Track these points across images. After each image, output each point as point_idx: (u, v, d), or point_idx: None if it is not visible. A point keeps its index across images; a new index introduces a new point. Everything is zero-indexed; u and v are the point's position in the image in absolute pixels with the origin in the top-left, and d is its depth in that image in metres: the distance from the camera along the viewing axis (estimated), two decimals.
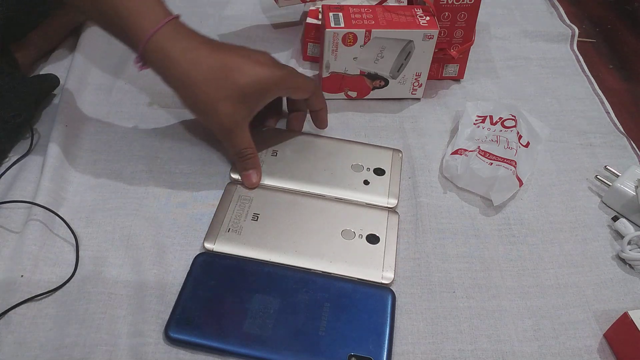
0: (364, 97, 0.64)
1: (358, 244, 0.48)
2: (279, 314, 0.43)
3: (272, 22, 0.74)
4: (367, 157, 0.56)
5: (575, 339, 0.45)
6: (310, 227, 0.49)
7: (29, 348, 0.41)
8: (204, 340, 0.42)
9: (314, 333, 0.42)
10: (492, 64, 0.71)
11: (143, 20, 0.45)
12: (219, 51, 0.47)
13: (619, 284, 0.49)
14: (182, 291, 0.44)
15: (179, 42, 0.46)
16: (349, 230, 0.49)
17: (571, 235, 0.53)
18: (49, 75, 0.60)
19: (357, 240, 0.49)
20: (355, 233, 0.49)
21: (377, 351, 0.42)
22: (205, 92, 0.46)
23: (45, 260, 0.46)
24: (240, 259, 0.47)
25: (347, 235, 0.49)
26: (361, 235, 0.49)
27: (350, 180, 0.54)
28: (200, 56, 0.46)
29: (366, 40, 0.58)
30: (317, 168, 0.55)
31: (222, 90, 0.46)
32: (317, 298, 0.44)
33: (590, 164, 0.59)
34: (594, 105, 0.67)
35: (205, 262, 0.46)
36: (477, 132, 0.57)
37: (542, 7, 0.82)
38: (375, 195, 0.53)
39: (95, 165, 0.54)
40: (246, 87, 0.47)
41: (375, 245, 0.48)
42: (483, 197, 0.54)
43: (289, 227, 0.49)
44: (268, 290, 0.45)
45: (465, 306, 0.47)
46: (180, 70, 0.46)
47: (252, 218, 0.50)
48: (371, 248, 0.48)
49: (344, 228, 0.49)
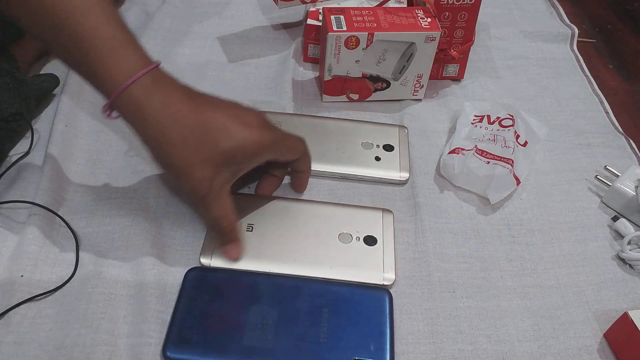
0: (366, 99, 0.64)
1: (356, 247, 0.48)
2: (278, 324, 0.42)
3: (272, 23, 0.74)
4: (375, 134, 0.59)
5: (575, 339, 0.45)
6: (306, 233, 0.49)
7: (29, 348, 0.41)
8: (204, 357, 0.41)
9: (315, 340, 0.42)
10: (492, 64, 0.71)
11: (117, 69, 0.39)
12: (203, 108, 0.42)
13: (619, 284, 0.49)
14: (176, 308, 0.43)
15: (157, 95, 0.40)
16: (345, 234, 0.49)
17: (571, 235, 0.53)
18: (49, 75, 0.60)
19: (354, 244, 0.48)
20: (352, 236, 0.49)
21: (380, 353, 0.42)
22: (181, 154, 0.41)
23: (45, 260, 0.46)
24: (232, 271, 0.46)
25: (345, 239, 0.49)
26: (358, 238, 0.49)
27: (362, 158, 0.56)
28: (179, 112, 0.40)
29: (369, 43, 0.58)
30: (329, 148, 0.57)
31: (200, 153, 0.41)
32: (314, 305, 0.44)
33: (589, 164, 0.59)
34: (593, 105, 0.67)
35: (197, 277, 0.45)
36: (475, 132, 0.57)
37: (542, 7, 0.83)
38: (387, 170, 0.55)
39: (95, 165, 0.54)
40: (229, 150, 0.42)
41: (373, 247, 0.48)
42: (481, 196, 0.54)
43: (285, 236, 0.48)
44: (264, 301, 0.44)
45: (465, 306, 0.47)
46: (155, 128, 0.40)
47: (247, 229, 0.49)
48: (370, 250, 0.48)
49: (340, 232, 0.49)
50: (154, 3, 0.75)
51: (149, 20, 0.72)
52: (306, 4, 0.68)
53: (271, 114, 0.60)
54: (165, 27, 0.72)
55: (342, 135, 0.58)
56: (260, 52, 0.70)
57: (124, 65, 0.39)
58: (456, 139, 0.57)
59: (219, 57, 0.68)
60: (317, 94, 0.64)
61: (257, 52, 0.70)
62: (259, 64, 0.68)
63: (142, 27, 0.71)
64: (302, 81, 0.66)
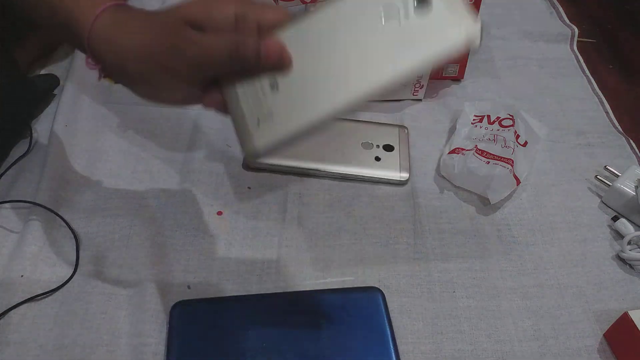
0: None
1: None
2: (279, 344, 0.41)
3: None
4: (374, 134, 0.59)
5: (575, 339, 0.45)
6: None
7: (29, 348, 0.41)
8: None
9: (321, 354, 0.41)
10: (492, 64, 0.71)
11: (79, 13, 0.38)
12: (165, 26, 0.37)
13: (619, 284, 0.49)
14: (168, 348, 0.41)
15: (120, 26, 0.37)
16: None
17: (571, 235, 0.53)
18: (49, 75, 0.60)
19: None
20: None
21: (386, 353, 0.41)
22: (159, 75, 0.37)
23: (45, 260, 0.46)
24: (216, 299, 0.44)
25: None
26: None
27: (362, 158, 0.57)
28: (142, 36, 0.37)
29: None
30: (329, 148, 0.57)
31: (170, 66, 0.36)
32: (310, 318, 0.43)
33: (589, 164, 0.59)
34: (593, 105, 0.67)
35: (182, 311, 0.43)
36: (475, 132, 0.57)
37: (542, 7, 0.82)
38: (387, 170, 0.56)
39: (95, 165, 0.54)
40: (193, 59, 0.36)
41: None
42: (481, 196, 0.54)
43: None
44: (259, 324, 0.42)
45: (465, 306, 0.47)
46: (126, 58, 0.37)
47: None
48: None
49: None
50: (154, 3, 0.75)
51: None
52: (306, 4, 0.68)
53: None
54: None
55: (342, 135, 0.58)
56: None
57: (84, 6, 0.38)
58: (456, 139, 0.57)
59: None
60: None
61: None
62: None
63: None
64: None
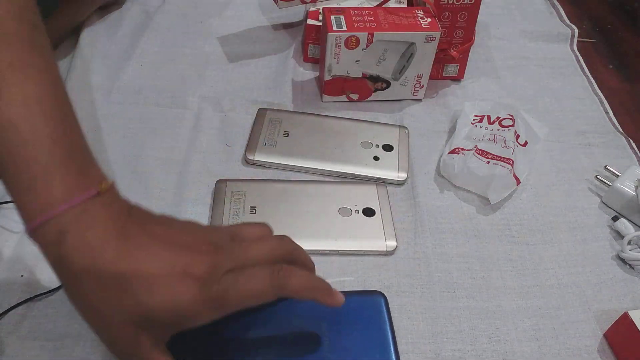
0: (366, 99, 0.64)
1: (356, 219, 0.51)
2: (281, 350, 0.40)
3: (272, 23, 0.74)
4: (375, 134, 0.59)
5: (575, 339, 0.45)
6: (308, 211, 0.51)
7: (29, 348, 0.41)
8: None
9: (320, 355, 0.41)
10: (492, 64, 0.71)
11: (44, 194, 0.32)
12: (133, 252, 0.32)
13: (619, 284, 0.49)
14: None
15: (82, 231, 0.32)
16: (345, 208, 0.51)
17: (571, 235, 0.53)
18: None
19: (354, 216, 0.51)
20: (352, 209, 0.51)
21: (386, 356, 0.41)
22: (97, 308, 0.33)
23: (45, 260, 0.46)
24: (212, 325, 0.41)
25: (344, 212, 0.51)
26: (357, 211, 0.51)
27: (361, 157, 0.56)
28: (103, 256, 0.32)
29: (369, 43, 0.58)
30: (328, 147, 0.57)
31: (119, 310, 0.32)
32: (311, 320, 0.42)
33: (589, 164, 0.59)
34: (593, 105, 0.67)
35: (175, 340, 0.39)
36: (475, 132, 0.57)
37: (542, 7, 0.83)
38: (386, 170, 0.55)
39: None
40: (149, 310, 0.32)
41: (372, 218, 0.51)
42: (481, 196, 0.54)
43: (288, 214, 0.50)
44: (259, 324, 0.41)
45: (465, 306, 0.47)
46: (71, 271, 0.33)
47: (250, 212, 0.50)
48: (369, 221, 0.51)
49: (339, 206, 0.51)
50: (154, 3, 0.75)
51: (149, 20, 0.72)
52: (306, 4, 0.68)
53: (272, 111, 0.60)
54: (165, 27, 0.72)
55: (341, 135, 0.58)
56: (260, 52, 0.70)
57: (54, 190, 0.32)
58: (456, 139, 0.57)
59: (219, 57, 0.68)
60: (317, 94, 0.64)
61: (257, 52, 0.70)
62: (259, 64, 0.68)
63: (142, 27, 0.71)
64: (302, 81, 0.66)
